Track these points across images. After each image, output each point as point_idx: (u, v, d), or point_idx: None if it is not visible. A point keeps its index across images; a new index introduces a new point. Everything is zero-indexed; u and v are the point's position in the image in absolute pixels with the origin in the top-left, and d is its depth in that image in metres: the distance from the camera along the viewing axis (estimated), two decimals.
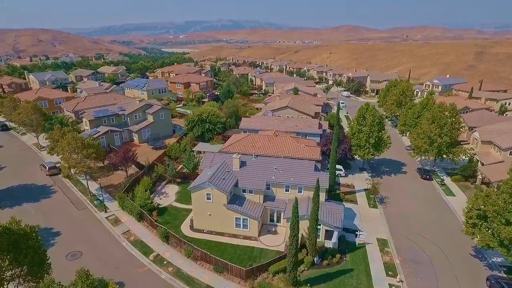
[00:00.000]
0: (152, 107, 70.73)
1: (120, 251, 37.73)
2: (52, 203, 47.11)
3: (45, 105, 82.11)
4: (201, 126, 70.51)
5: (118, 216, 44.02)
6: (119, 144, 65.03)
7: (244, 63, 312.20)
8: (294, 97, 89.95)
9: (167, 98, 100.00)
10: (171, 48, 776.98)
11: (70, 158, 44.16)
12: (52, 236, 39.79)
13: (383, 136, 58.52)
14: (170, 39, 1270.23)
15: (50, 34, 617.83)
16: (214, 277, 34.28)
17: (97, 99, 75.48)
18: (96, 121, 65.57)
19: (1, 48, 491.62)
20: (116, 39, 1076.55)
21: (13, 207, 45.79)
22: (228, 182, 41.60)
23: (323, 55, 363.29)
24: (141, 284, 32.96)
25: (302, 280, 33.91)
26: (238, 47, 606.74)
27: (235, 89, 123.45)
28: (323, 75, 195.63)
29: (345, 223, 44.50)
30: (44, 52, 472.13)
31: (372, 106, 61.09)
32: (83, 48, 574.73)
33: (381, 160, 68.49)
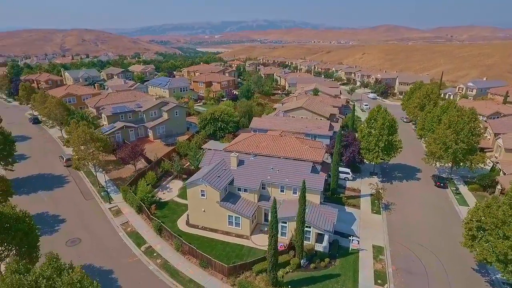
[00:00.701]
0: (168, 104, 73.10)
1: (116, 241, 39.61)
2: (64, 192, 50.36)
3: (73, 101, 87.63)
4: (214, 124, 71.81)
5: (120, 208, 46.18)
6: (134, 140, 67.93)
7: (274, 63, 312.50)
8: (310, 98, 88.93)
9: (188, 96, 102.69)
10: (205, 48, 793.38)
11: (79, 150, 46.95)
12: (58, 222, 42.58)
13: (394, 140, 56.34)
14: (205, 39, 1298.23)
15: (93, 34, 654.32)
16: (199, 272, 35.04)
17: (118, 96, 79.35)
18: (114, 116, 68.98)
19: (49, 47, 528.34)
20: (155, 39, 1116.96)
21: (29, 194, 49.55)
22: (223, 180, 42.22)
23: (356, 55, 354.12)
24: (128, 273, 34.44)
25: (284, 282, 33.81)
26: (272, 47, 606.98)
27: (257, 89, 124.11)
28: (351, 76, 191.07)
29: (342, 227, 43.77)
30: (87, 51, 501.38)
31: (384, 108, 59.01)
32: (123, 47, 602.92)
33: (395, 165, 66.09)
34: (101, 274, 34.10)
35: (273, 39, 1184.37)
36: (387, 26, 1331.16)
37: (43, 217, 43.53)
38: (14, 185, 51.60)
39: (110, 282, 33.04)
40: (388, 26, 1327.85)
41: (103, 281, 33.06)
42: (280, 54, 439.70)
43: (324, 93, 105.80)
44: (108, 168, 57.46)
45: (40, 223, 42.15)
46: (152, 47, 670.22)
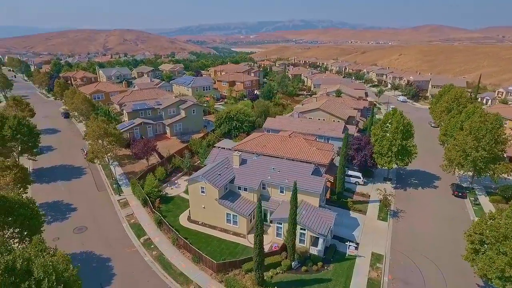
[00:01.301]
0: (186, 103, 75.16)
1: (119, 231, 41.57)
2: (80, 182, 53.59)
3: (102, 97, 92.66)
4: (229, 123, 72.79)
5: (128, 200, 48.35)
6: (151, 136, 70.66)
7: (305, 63, 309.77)
8: (330, 99, 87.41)
9: (210, 95, 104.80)
10: (240, 48, 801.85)
11: (94, 144, 49.77)
12: (69, 211, 45.46)
13: (408, 145, 53.98)
14: (240, 39, 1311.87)
15: (134, 34, 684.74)
16: (191, 266, 35.93)
17: (141, 93, 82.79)
18: (134, 113, 72.17)
19: (93, 46, 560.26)
20: (192, 38, 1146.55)
21: (49, 183, 53.27)
22: (223, 178, 42.87)
23: (392, 56, 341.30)
24: (124, 262, 36.09)
25: (273, 282, 33.79)
26: (307, 47, 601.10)
27: (280, 89, 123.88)
28: (383, 78, 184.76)
29: (343, 232, 42.85)
30: (128, 50, 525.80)
31: (400, 112, 56.69)
32: (161, 47, 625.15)
33: (412, 171, 63.45)
34: (99, 262, 36.06)
35: (308, 39, 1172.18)
36: (430, 26, 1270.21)
37: (58, 205, 46.68)
38: (38, 174, 56.01)
39: (106, 270, 34.82)
40: (431, 26, 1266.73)
41: (100, 269, 35.13)
42: (313, 54, 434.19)
43: (348, 95, 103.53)
44: (124, 162, 60.26)
45: (54, 211, 45.50)
46: (188, 47, 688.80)
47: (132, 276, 34.15)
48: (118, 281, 33.47)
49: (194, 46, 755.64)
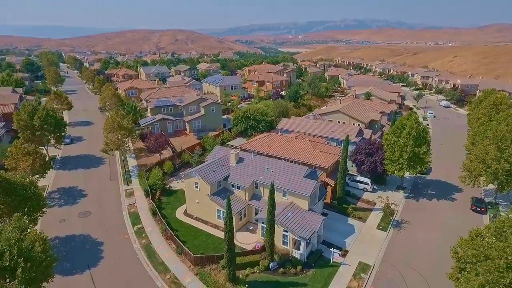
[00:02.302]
0: (206, 101, 77.52)
1: (118, 218, 44.47)
2: (96, 171, 58.01)
3: (135, 93, 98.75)
4: (245, 122, 73.75)
5: (134, 191, 51.39)
6: (171, 132, 74.06)
7: (349, 64, 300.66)
8: (355, 101, 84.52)
9: (237, 94, 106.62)
10: (287, 48, 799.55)
11: (108, 136, 53.65)
12: (80, 196, 49.56)
13: (421, 152, 50.59)
14: (289, 39, 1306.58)
15: (185, 34, 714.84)
16: (173, 257, 37.45)
17: (168, 91, 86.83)
18: (157, 109, 76.10)
19: (147, 46, 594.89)
20: (240, 38, 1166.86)
21: (70, 170, 58.42)
22: (217, 175, 43.90)
23: (446, 58, 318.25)
24: (115, 247, 38.65)
25: (247, 280, 34.05)
26: (357, 48, 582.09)
27: (311, 90, 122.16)
28: (428, 81, 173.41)
29: (334, 238, 41.73)
30: (178, 49, 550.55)
31: (416, 116, 53.38)
32: (209, 46, 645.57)
33: (432, 180, 59.64)
34: (93, 245, 39.02)
35: (359, 39, 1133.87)
36: (498, 26, 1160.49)
37: (72, 191, 51.12)
38: (63, 162, 61.67)
39: (96, 253, 37.61)
40: (499, 26, 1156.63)
41: (91, 251, 38.04)
42: (360, 55, 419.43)
43: (378, 98, 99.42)
44: (140, 155, 63.97)
45: (67, 195, 49.92)
46: (235, 47, 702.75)
47: (118, 261, 36.51)
48: (104, 264, 36.00)
49: (241, 46, 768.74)
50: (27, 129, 54.24)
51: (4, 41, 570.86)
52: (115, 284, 33.17)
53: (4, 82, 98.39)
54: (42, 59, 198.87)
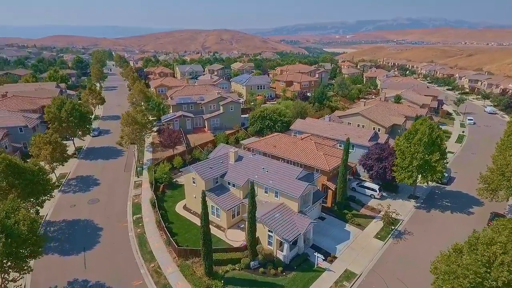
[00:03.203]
0: (225, 99, 79.14)
1: (121, 207, 47.34)
2: (114, 163, 62.04)
3: (164, 90, 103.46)
4: (261, 122, 74.18)
5: (143, 182, 54.28)
6: (189, 128, 76.79)
7: (393, 65, 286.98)
8: (379, 104, 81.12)
9: (263, 94, 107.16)
10: (333, 48, 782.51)
11: (124, 129, 57.22)
12: (93, 185, 53.45)
13: (432, 160, 47.41)
14: (335, 39, 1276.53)
15: (230, 34, 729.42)
16: (162, 247, 39.18)
17: (192, 89, 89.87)
18: (178, 106, 79.23)
19: (193, 45, 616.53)
20: (285, 38, 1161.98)
21: (91, 160, 63.14)
22: (214, 171, 44.99)
23: (506, 60, 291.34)
24: (112, 234, 41.29)
25: (225, 276, 34.69)
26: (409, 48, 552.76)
27: (340, 91, 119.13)
28: (477, 85, 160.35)
29: (325, 243, 40.91)
30: (222, 49, 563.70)
31: (430, 122, 50.02)
32: (253, 46, 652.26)
33: (452, 192, 55.85)
34: (93, 230, 42.06)
35: (412, 39, 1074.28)
36: None
37: (88, 179, 55.31)
38: (87, 152, 66.87)
39: (94, 238, 40.47)
40: None
41: (90, 235, 41.01)
42: (408, 56, 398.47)
43: (409, 101, 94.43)
44: (156, 149, 67.23)
45: (83, 183, 54.11)
46: (279, 47, 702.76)
47: (111, 247, 39.02)
48: (99, 248, 38.71)
49: (285, 46, 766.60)
50: (55, 120, 59.61)
51: (67, 40, 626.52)
52: (103, 267, 35.56)
53: (51, 77, 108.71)
54: (93, 57, 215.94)
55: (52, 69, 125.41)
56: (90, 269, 35.29)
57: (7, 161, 35.53)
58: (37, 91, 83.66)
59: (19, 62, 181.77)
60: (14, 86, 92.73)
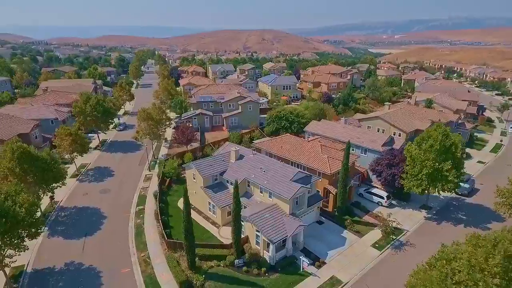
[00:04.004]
0: (244, 99, 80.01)
1: (128, 198, 49.96)
2: (131, 156, 65.48)
3: (192, 88, 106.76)
4: (277, 122, 74.02)
5: (153, 176, 56.77)
6: (207, 126, 78.74)
7: (440, 68, 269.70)
8: (404, 108, 77.25)
9: (287, 94, 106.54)
10: (378, 49, 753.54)
11: (140, 124, 60.33)
12: (108, 176, 56.96)
13: (443, 169, 44.30)
14: (382, 39, 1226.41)
15: (272, 34, 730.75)
16: (156, 238, 40.83)
17: (215, 87, 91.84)
18: (198, 104, 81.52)
19: (235, 45, 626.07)
20: (329, 38, 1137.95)
21: (111, 152, 67.24)
22: (214, 169, 45.97)
23: None
24: (114, 223, 43.81)
25: (208, 271, 35.44)
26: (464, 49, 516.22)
27: (371, 94, 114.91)
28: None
29: (317, 248, 40.22)
30: (263, 49, 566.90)
31: (444, 128, 46.67)
32: (295, 46, 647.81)
33: (471, 204, 52.11)
34: (98, 218, 44.91)
35: (469, 40, 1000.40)
36: None
37: (104, 170, 59.07)
38: (110, 145, 71.31)
39: (97, 225, 43.23)
40: None
41: (94, 223, 43.83)
42: (458, 58, 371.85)
43: (442, 106, 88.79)
44: (173, 145, 69.86)
45: (99, 174, 57.89)
46: (321, 47, 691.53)
47: (110, 234, 41.48)
48: (99, 235, 41.36)
49: (327, 46, 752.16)
50: (81, 114, 64.33)
51: (118, 40, 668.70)
52: (98, 253, 38.00)
53: (90, 74, 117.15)
54: (135, 56, 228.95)
55: (92, 67, 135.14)
56: (86, 254, 37.89)
57: (22, 149, 39.22)
58: (73, 86, 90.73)
59: (68, 60, 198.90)
60: (56, 82, 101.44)
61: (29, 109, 67.80)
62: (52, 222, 43.73)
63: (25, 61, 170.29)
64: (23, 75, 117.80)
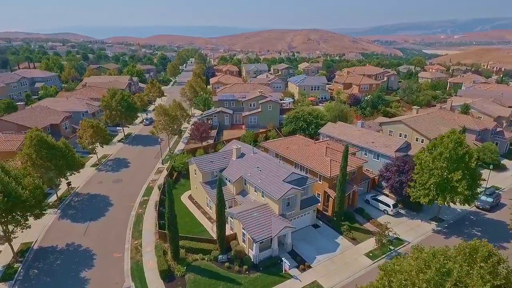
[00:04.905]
0: (264, 98, 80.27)
1: (136, 189, 52.76)
2: (149, 150, 68.88)
3: (220, 87, 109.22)
4: (295, 123, 73.32)
5: (165, 169, 59.35)
6: (227, 124, 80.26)
7: (499, 71, 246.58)
8: (432, 113, 72.57)
9: (315, 95, 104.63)
10: (434, 50, 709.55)
11: (157, 120, 63.41)
12: (124, 167, 60.60)
13: (453, 179, 40.97)
14: (440, 40, 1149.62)
15: (318, 34, 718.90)
16: (151, 228, 42.80)
17: (240, 86, 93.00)
18: (220, 102, 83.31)
19: (280, 45, 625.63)
20: (380, 38, 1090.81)
21: (132, 145, 71.36)
22: (213, 165, 47.10)
23: None
24: (118, 211, 46.62)
25: (191, 264, 36.54)
26: None
27: (406, 97, 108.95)
28: None
29: (305, 251, 39.68)
30: (308, 49, 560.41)
31: (458, 135, 43.05)
32: (341, 46, 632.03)
33: (492, 220, 47.98)
34: (105, 205, 48.14)
35: None
36: None
37: (121, 161, 62.97)
38: (133, 138, 75.61)
39: (102, 211, 46.33)
40: None
41: (100, 209, 47.01)
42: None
43: (481, 112, 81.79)
44: (191, 141, 72.27)
45: (116, 165, 61.77)
46: (370, 47, 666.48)
47: (112, 221, 44.30)
48: (101, 221, 44.37)
49: (377, 46, 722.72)
50: (107, 108, 69.14)
51: (167, 39, 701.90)
52: (97, 237, 40.87)
53: (128, 72, 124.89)
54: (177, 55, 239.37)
55: (131, 64, 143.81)
56: (87, 237, 40.94)
57: (39, 138, 43.39)
58: (110, 82, 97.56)
59: (115, 58, 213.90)
60: (96, 78, 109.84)
61: (64, 102, 74.43)
62: (65, 206, 47.74)
63: (74, 59, 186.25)
64: (71, 71, 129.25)
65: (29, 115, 62.81)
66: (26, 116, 61.96)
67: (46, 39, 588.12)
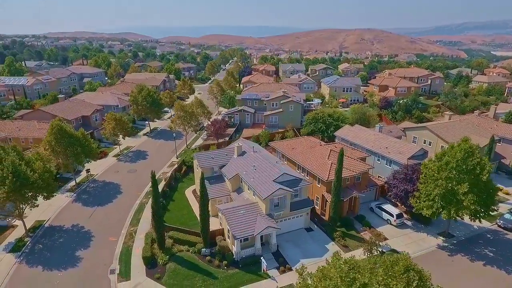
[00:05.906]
0: (286, 99, 79.77)
1: (148, 179, 55.02)
2: (169, 144, 71.93)
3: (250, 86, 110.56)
4: (314, 124, 72.01)
5: (177, 163, 62.00)
6: (248, 123, 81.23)
7: None
8: (464, 120, 66.74)
9: (345, 97, 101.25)
10: (506, 51, 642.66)
11: (176, 116, 66.44)
12: (141, 158, 64.35)
13: (459, 192, 37.48)
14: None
15: (373, 33, 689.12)
16: (149, 218, 45.17)
17: (267, 86, 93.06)
18: (242, 101, 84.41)
19: (331, 45, 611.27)
20: (444, 39, 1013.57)
21: (154, 139, 75.35)
22: (214, 162, 48.33)
23: None
24: (125, 199, 49.74)
25: (176, 254, 38.08)
26: None
27: (448, 102, 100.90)
28: None
29: (290, 253, 39.39)
30: (361, 49, 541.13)
31: (470, 144, 39.10)
32: (397, 47, 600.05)
33: (510, 241, 42.78)
34: (115, 192, 51.69)
35: None
36: None
37: (141, 153, 66.88)
38: (157, 132, 79.79)
39: (111, 198, 49.85)
40: None
41: (109, 197, 50.56)
42: None
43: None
44: (209, 138, 74.40)
45: (136, 156, 65.79)
46: (430, 48, 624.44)
47: (117, 208, 47.50)
48: (108, 207, 47.80)
49: (439, 47, 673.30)
50: (134, 103, 73.88)
51: (218, 39, 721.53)
52: (100, 221, 44.25)
53: (167, 69, 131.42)
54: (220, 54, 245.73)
55: (170, 62, 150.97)
56: (91, 220, 44.52)
57: (59, 127, 48.07)
58: (147, 79, 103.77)
59: (161, 56, 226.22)
60: (135, 75, 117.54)
61: (99, 96, 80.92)
62: (81, 191, 52.21)
63: (123, 56, 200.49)
64: (116, 68, 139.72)
65: (64, 107, 69.55)
66: (61, 107, 68.70)
67: (107, 38, 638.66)
